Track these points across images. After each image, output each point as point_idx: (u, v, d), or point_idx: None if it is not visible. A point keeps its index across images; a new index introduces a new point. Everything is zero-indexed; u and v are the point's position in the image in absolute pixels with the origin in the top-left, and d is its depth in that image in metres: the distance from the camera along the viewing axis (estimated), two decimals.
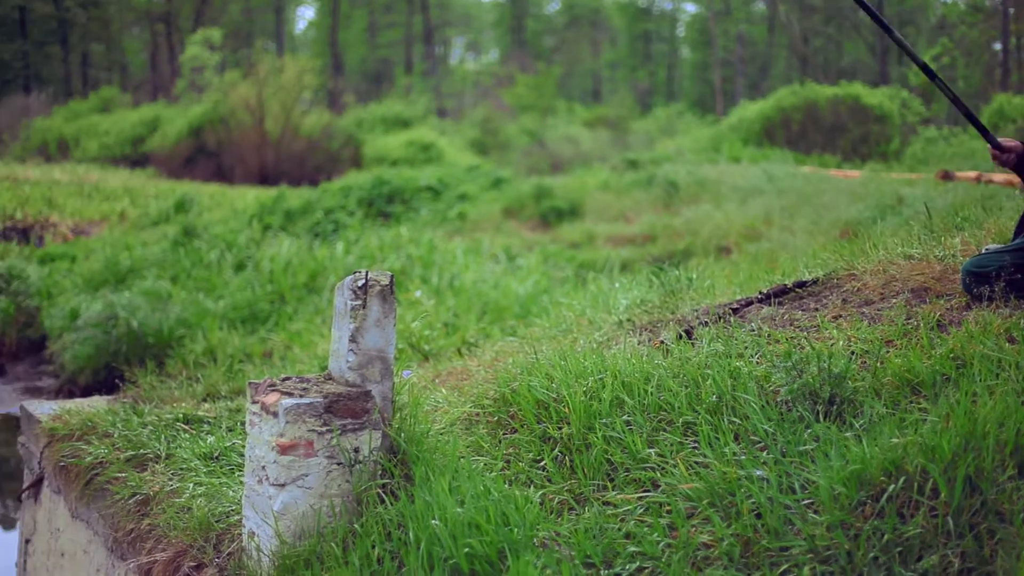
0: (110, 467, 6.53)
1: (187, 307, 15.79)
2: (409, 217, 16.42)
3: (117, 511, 6.17)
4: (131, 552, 5.90)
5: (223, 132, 43.35)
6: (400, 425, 5.07)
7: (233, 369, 9.05)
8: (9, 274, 20.00)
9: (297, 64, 46.49)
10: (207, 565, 5.20)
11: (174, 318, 15.69)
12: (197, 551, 5.31)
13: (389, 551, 4.53)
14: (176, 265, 17.84)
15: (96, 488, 6.55)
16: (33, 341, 18.88)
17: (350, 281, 4.93)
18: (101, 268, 18.78)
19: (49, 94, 68.41)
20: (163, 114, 48.63)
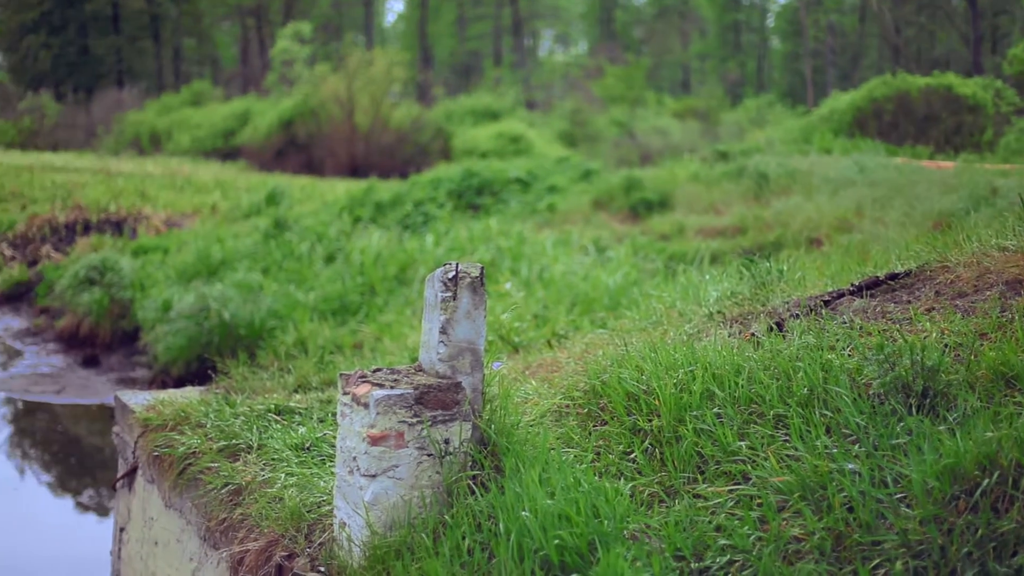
0: (203, 457, 6.59)
1: (278, 299, 15.90)
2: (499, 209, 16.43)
3: (210, 501, 6.22)
4: (224, 541, 5.95)
5: (313, 125, 43.61)
6: (490, 416, 5.07)
7: (324, 360, 9.10)
8: (103, 266, 20.24)
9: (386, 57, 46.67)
10: (298, 555, 5.24)
11: (265, 310, 15.81)
12: (289, 541, 5.35)
13: (479, 542, 4.54)
14: (267, 257, 17.96)
15: (189, 478, 6.61)
16: (127, 332, 19.10)
17: (440, 273, 4.94)
18: (193, 260, 18.96)
19: (142, 88, 69.20)
20: (254, 107, 49.00)
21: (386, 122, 42.98)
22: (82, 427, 16.50)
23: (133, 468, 7.79)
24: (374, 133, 42.41)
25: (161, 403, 7.57)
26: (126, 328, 19.10)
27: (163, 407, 7.46)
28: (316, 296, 15.46)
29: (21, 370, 18.68)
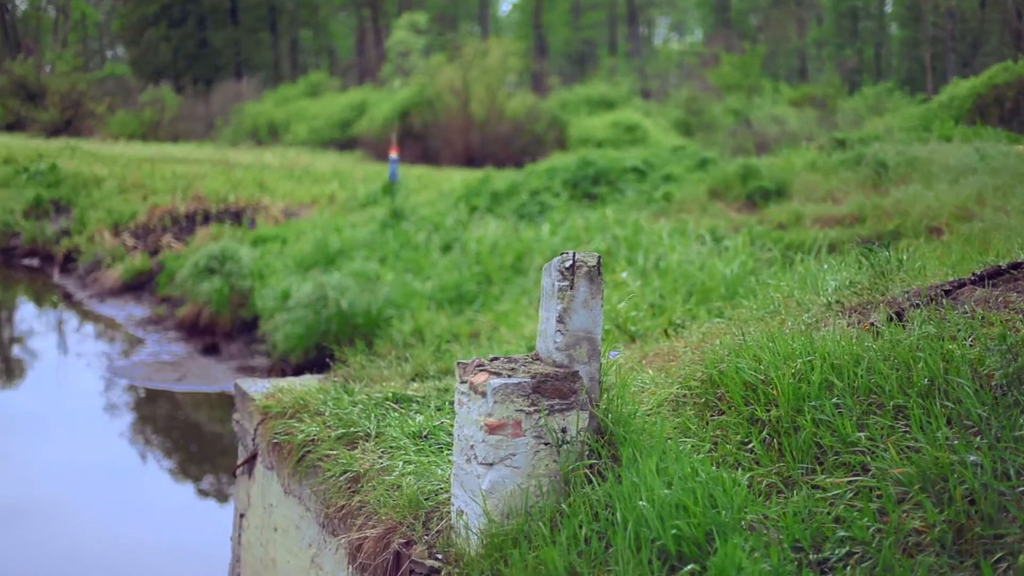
0: (321, 445, 6.66)
1: (395, 288, 16.00)
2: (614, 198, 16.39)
3: (328, 488, 6.28)
4: (342, 528, 6.01)
5: (429, 115, 43.83)
6: (607, 406, 5.07)
7: (441, 349, 9.15)
8: (223, 256, 20.50)
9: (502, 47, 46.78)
10: (416, 542, 5.28)
11: (382, 299, 15.91)
12: (407, 528, 5.38)
13: (596, 531, 4.55)
14: (384, 246, 18.08)
15: (308, 465, 6.68)
16: (246, 321, 19.33)
17: (558, 262, 4.94)
18: (311, 250, 19.14)
19: (259, 80, 69.95)
20: (370, 98, 49.33)
21: (501, 112, 43.07)
22: (202, 414, 16.74)
23: (253, 455, 7.89)
24: (489, 123, 42.52)
25: (280, 391, 7.65)
26: (245, 317, 19.33)
27: (282, 395, 7.55)
28: (433, 285, 15.53)
29: (143, 358, 18.99)
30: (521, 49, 52.16)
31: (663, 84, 67.94)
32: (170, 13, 75.04)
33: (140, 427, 16.25)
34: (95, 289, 24.85)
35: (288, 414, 7.27)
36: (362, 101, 49.25)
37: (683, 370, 6.02)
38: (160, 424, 16.35)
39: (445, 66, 45.38)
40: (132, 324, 21.67)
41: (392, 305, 15.71)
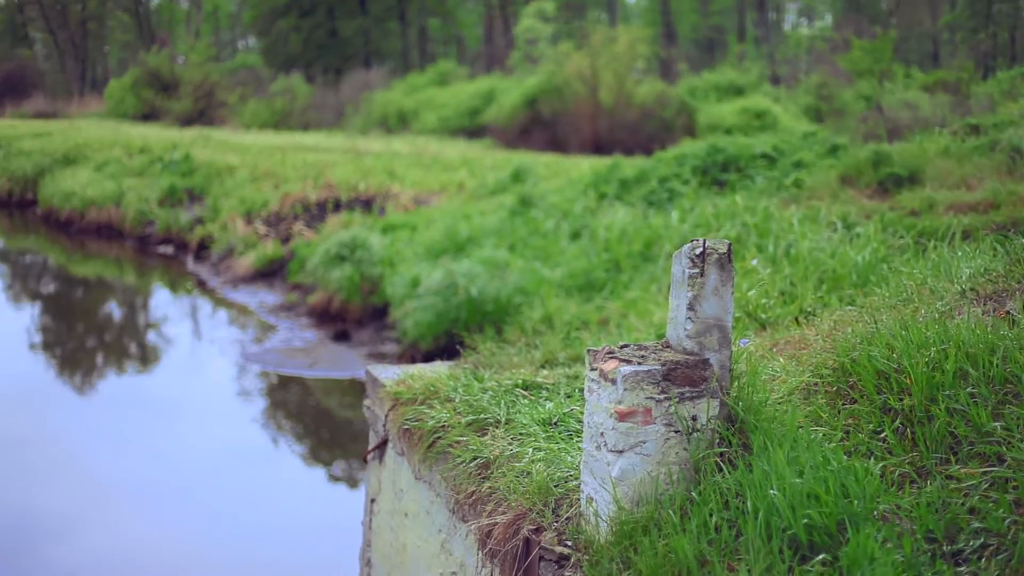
0: (451, 431, 6.70)
1: (524, 275, 16.03)
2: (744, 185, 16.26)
3: (458, 474, 6.32)
4: (472, 514, 6.04)
5: (557, 103, 43.80)
6: (737, 394, 5.05)
7: (570, 336, 9.16)
8: (353, 243, 20.68)
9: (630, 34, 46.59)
10: (546, 529, 5.29)
11: (512, 286, 15.95)
12: (536, 515, 5.40)
13: (726, 520, 4.53)
14: (513, 234, 18.12)
15: (438, 451, 6.73)
16: (376, 308, 19.49)
17: (688, 249, 4.93)
18: (441, 237, 19.24)
19: (388, 69, 70.41)
20: (498, 86, 49.42)
21: (630, 99, 42.92)
22: (333, 400, 16.92)
23: (383, 441, 7.96)
24: (618, 110, 42.41)
25: (411, 377, 7.71)
26: (375, 304, 19.50)
27: (413, 381, 7.60)
28: (562, 272, 15.54)
29: (275, 344, 19.24)
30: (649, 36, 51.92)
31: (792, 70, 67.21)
32: (300, 3, 75.80)
33: (272, 412, 16.48)
34: (228, 276, 25.22)
35: (418, 400, 7.32)
36: (490, 89, 49.36)
37: (814, 358, 5.97)
38: (292, 410, 16.56)
39: (573, 53, 45.30)
40: (264, 311, 21.97)
41: (521, 292, 15.74)
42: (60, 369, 19.23)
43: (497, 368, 7.82)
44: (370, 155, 34.51)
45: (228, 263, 25.93)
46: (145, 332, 23.01)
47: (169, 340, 21.63)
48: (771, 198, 15.12)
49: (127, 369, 19.57)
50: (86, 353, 20.85)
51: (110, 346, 21.39)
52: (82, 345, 21.52)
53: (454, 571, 6.56)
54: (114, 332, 22.86)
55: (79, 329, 22.99)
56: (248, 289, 23.99)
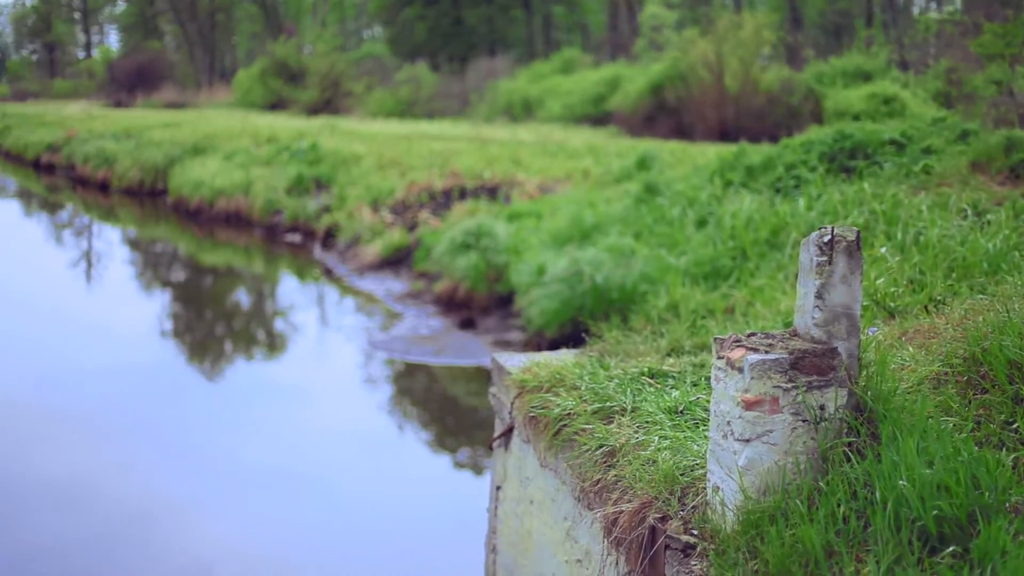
0: (577, 419, 6.71)
1: (649, 263, 15.97)
2: (871, 172, 16.04)
3: (584, 462, 6.33)
4: (597, 502, 6.05)
5: (682, 90, 43.55)
6: (866, 383, 5.00)
7: (696, 324, 9.13)
8: (479, 231, 20.76)
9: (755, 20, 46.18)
10: (671, 517, 5.29)
11: (637, 274, 15.91)
12: (662, 503, 5.40)
13: (855, 510, 4.50)
14: (638, 221, 18.05)
15: (564, 439, 6.74)
16: (502, 296, 19.55)
17: (816, 237, 4.89)
18: (566, 225, 19.22)
19: (513, 57, 70.51)
20: (623, 73, 49.28)
21: (755, 85, 42.55)
22: (459, 388, 17.01)
23: (509, 428, 7.99)
24: (743, 96, 42.07)
25: (536, 365, 7.73)
26: (500, 292, 19.55)
27: (538, 369, 7.62)
28: (687, 260, 15.46)
29: (402, 332, 19.37)
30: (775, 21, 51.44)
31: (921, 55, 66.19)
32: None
33: (398, 399, 16.61)
34: (355, 264, 25.44)
35: (544, 388, 7.34)
36: (615, 76, 49.22)
37: (944, 347, 5.89)
38: (417, 397, 16.67)
39: (698, 40, 44.99)
40: (390, 299, 22.14)
41: (646, 280, 15.69)
42: (190, 356, 19.55)
43: (623, 356, 7.81)
44: (495, 143, 34.61)
45: (355, 251, 26.16)
46: (273, 319, 23.31)
47: (296, 327, 21.89)
48: (899, 185, 14.90)
49: (255, 356, 19.85)
50: (215, 340, 21.18)
51: (238, 333, 21.71)
52: (211, 332, 21.86)
53: (579, 559, 6.57)
54: (242, 319, 23.19)
55: (208, 316, 23.35)
56: (374, 277, 24.18)
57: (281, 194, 32.37)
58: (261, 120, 55.07)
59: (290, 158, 35.50)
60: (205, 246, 32.15)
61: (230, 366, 19.16)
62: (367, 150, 34.72)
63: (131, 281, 27.87)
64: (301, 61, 72.86)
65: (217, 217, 34.27)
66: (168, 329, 21.91)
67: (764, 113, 41.43)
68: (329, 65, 67.59)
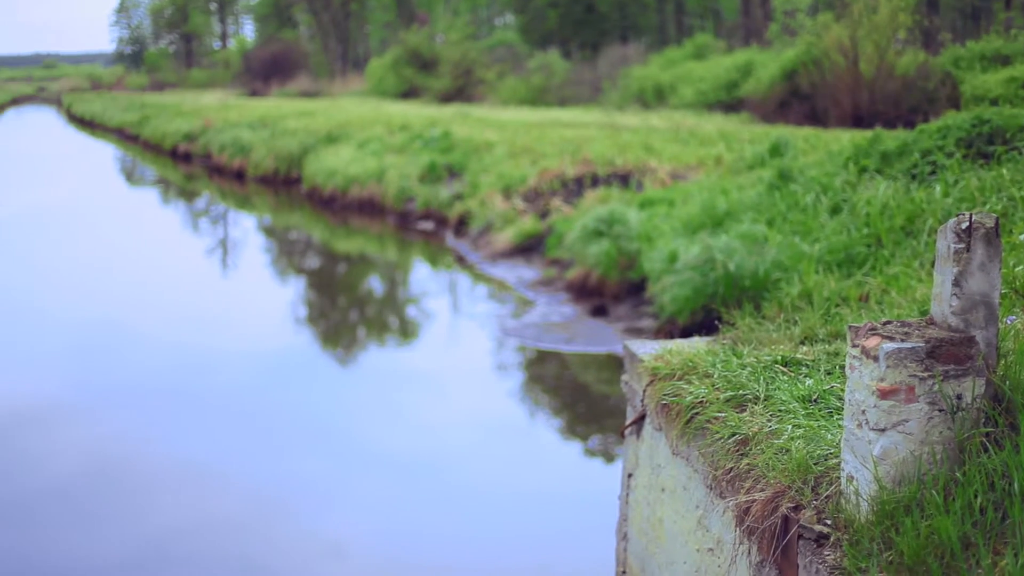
0: (709, 407, 6.68)
1: (782, 250, 15.85)
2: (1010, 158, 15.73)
3: (716, 450, 6.31)
4: (730, 490, 6.03)
5: (816, 75, 43.04)
6: (1005, 372, 4.93)
7: (829, 312, 9.04)
8: (611, 219, 20.73)
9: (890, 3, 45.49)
10: (804, 507, 5.25)
11: (770, 261, 15.79)
12: (795, 492, 5.37)
13: (992, 501, 4.44)
14: (771, 208, 17.91)
15: (696, 427, 6.72)
16: (633, 283, 19.51)
17: (953, 224, 4.82)
18: (698, 212, 19.13)
19: (645, 43, 70.24)
20: (756, 59, 48.84)
21: (890, 70, 41.92)
22: (590, 375, 17.02)
23: (641, 416, 7.99)
24: (878, 81, 41.47)
25: (668, 352, 7.71)
26: (632, 279, 19.51)
27: (670, 356, 7.60)
28: (821, 247, 15.31)
29: (533, 319, 19.43)
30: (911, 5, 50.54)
31: None
32: None
33: (530, 386, 16.66)
34: (486, 251, 25.55)
35: (676, 376, 7.32)
36: (748, 62, 48.79)
37: None
38: (549, 384, 16.71)
39: (832, 24, 44.40)
40: (522, 286, 22.20)
41: (779, 268, 15.57)
42: (324, 342, 19.78)
43: (755, 344, 7.76)
44: (627, 130, 34.55)
45: (487, 238, 26.27)
46: (405, 306, 23.50)
47: (429, 314, 22.05)
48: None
49: (388, 343, 20.04)
50: (348, 327, 21.42)
51: (372, 320, 21.93)
52: (345, 319, 22.10)
53: (711, 547, 6.56)
54: (375, 306, 23.42)
55: (342, 303, 23.61)
56: (506, 264, 24.27)
57: (414, 182, 32.60)
58: (394, 108, 55.52)
59: (423, 146, 35.75)
60: (339, 233, 32.51)
61: (363, 352, 19.36)
62: (499, 138, 34.83)
63: (266, 268, 28.29)
64: (433, 49, 73.31)
65: (350, 205, 34.63)
66: (303, 316, 22.19)
67: (899, 98, 40.83)
68: (461, 53, 67.92)
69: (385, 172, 34.45)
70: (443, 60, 69.44)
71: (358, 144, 39.04)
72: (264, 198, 40.61)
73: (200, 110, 64.57)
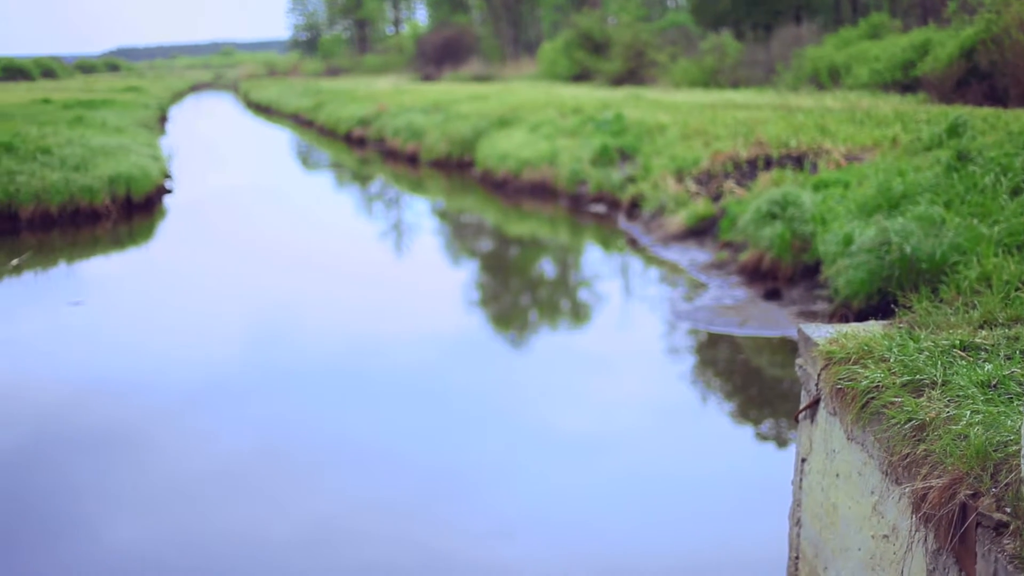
0: (885, 392, 6.59)
1: (960, 232, 15.56)
2: None
3: (892, 436, 6.23)
4: (905, 477, 5.95)
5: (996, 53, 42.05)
6: None
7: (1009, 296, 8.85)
8: (784, 201, 20.54)
9: None
10: (983, 494, 5.17)
11: (947, 244, 15.52)
12: (973, 479, 5.28)
13: None
14: (949, 190, 17.58)
15: (871, 412, 6.63)
16: (807, 266, 19.32)
17: None
18: (873, 194, 18.84)
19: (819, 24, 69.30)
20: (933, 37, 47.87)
21: None
22: (763, 359, 16.89)
23: (815, 400, 7.91)
24: None
25: (844, 336, 7.62)
26: (806, 262, 19.33)
27: (846, 340, 7.51)
28: (1001, 230, 15.00)
29: (705, 302, 19.34)
30: None
31: None
32: None
33: (701, 370, 16.59)
34: (658, 234, 25.49)
35: (851, 360, 7.23)
36: (924, 41, 47.83)
37: None
38: (720, 367, 16.62)
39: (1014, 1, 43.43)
40: (694, 269, 22.11)
41: (957, 250, 15.29)
42: (496, 324, 19.91)
43: (932, 328, 7.63)
44: (801, 111, 34.13)
45: (659, 221, 26.21)
46: (577, 289, 23.54)
47: (600, 297, 22.06)
48: None
49: (560, 325, 20.09)
50: (521, 309, 21.53)
51: (543, 302, 22.01)
52: (517, 301, 22.22)
53: (885, 534, 6.48)
54: (547, 289, 23.49)
55: (514, 285, 23.74)
56: (678, 247, 24.19)
57: (586, 165, 32.64)
58: (565, 91, 55.62)
59: (595, 129, 35.75)
60: (511, 216, 32.68)
61: (535, 334, 19.45)
62: (671, 120, 34.69)
63: (439, 251, 28.57)
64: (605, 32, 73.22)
65: (522, 188, 34.81)
66: (475, 298, 22.36)
67: None
68: (633, 35, 67.70)
69: (557, 155, 34.55)
70: (615, 42, 69.28)
71: (530, 127, 39.19)
72: (437, 182, 41.00)
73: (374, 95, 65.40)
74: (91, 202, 29.90)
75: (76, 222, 29.54)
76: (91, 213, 29.96)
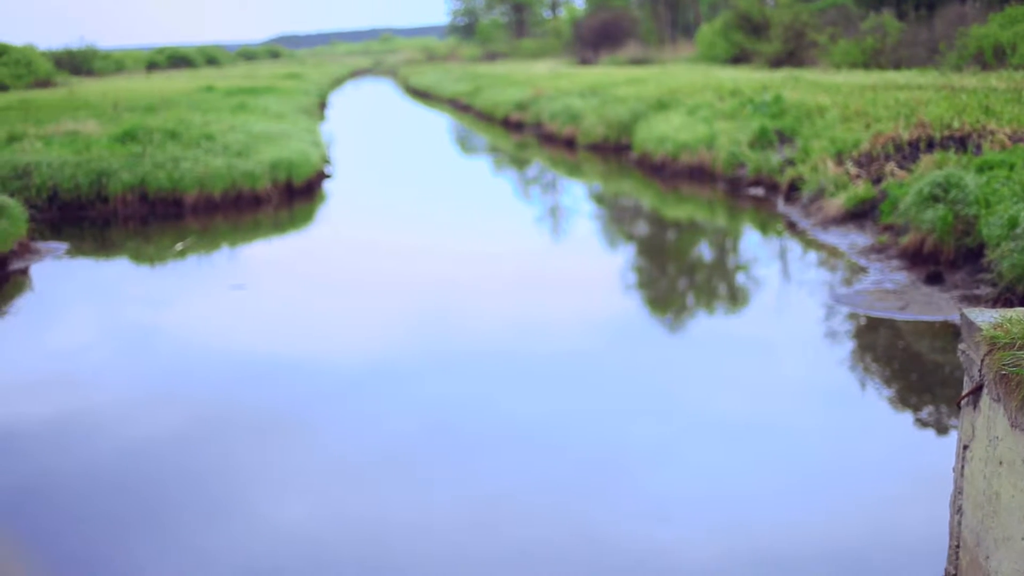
0: None
1: None
2: None
3: None
4: None
5: None
6: None
7: None
8: (947, 183, 20.21)
9: None
10: None
11: None
12: None
13: None
14: None
15: None
16: (970, 250, 18.99)
17: None
18: None
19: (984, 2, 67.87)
20: None
21: None
22: (923, 344, 16.65)
23: (978, 386, 7.79)
24: None
25: (1009, 321, 7.49)
26: (969, 245, 19.00)
27: (1011, 325, 7.39)
28: None
29: (865, 286, 19.12)
30: None
31: None
32: None
33: (860, 355, 16.40)
34: (818, 218, 25.24)
35: (1017, 345, 7.11)
36: None
37: None
38: (880, 352, 16.41)
39: None
40: (854, 252, 21.86)
41: None
42: (653, 307, 19.88)
43: None
44: (964, 91, 33.48)
45: (818, 204, 25.95)
46: (735, 272, 23.40)
47: (758, 281, 21.90)
48: None
49: (717, 308, 19.99)
50: (678, 292, 21.47)
51: (701, 286, 21.92)
52: (674, 285, 22.17)
53: None
54: (705, 272, 23.40)
55: (671, 269, 23.68)
56: (838, 231, 23.94)
57: (744, 147, 32.44)
58: (723, 74, 55.22)
59: (753, 111, 35.49)
60: (668, 200, 32.60)
61: (692, 318, 19.39)
62: (831, 102, 34.28)
63: (597, 234, 28.58)
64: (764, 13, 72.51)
65: (680, 171, 34.71)
66: (633, 281, 22.35)
67: None
68: (792, 16, 66.93)
69: (715, 138, 34.38)
70: (773, 24, 68.57)
71: (688, 110, 39.03)
72: (594, 165, 41.01)
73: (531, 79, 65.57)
74: (253, 187, 30.54)
75: (238, 207, 30.18)
76: (252, 198, 30.60)
